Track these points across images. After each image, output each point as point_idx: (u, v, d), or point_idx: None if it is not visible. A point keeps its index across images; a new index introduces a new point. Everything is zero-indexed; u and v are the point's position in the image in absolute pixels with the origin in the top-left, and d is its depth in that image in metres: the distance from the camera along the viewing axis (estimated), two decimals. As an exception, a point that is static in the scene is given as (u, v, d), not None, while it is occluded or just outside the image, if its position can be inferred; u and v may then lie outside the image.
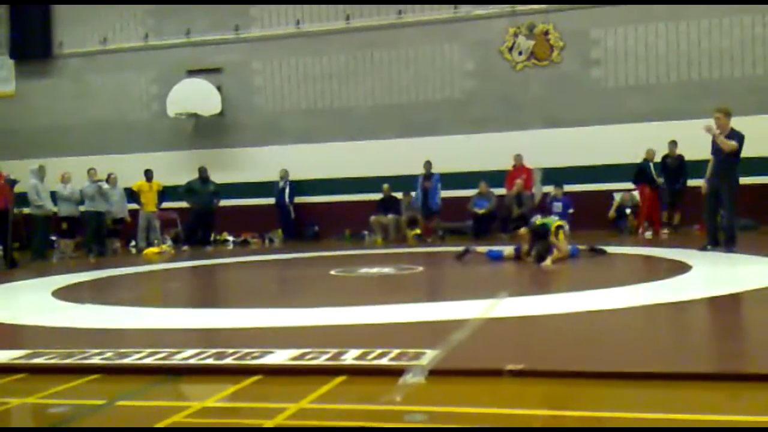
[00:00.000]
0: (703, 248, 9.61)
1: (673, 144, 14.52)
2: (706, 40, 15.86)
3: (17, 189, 13.80)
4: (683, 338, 4.61)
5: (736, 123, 14.75)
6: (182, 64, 18.48)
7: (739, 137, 9.53)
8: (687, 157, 14.33)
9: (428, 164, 15.88)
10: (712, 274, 7.53)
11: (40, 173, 14.28)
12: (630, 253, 10.71)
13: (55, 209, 14.70)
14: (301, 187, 17.57)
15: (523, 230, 9.88)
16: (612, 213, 15.49)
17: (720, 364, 3.77)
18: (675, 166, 14.63)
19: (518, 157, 15.83)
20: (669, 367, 3.55)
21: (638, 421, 2.84)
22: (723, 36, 15.77)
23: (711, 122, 9.63)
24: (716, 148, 9.59)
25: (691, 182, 13.98)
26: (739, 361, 3.75)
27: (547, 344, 4.49)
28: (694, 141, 14.67)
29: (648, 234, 14.23)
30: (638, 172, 14.76)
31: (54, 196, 14.90)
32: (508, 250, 9.90)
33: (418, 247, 14.20)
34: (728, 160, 9.47)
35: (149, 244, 15.80)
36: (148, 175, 16.30)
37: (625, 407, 3.03)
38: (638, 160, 15.01)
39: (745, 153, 14.83)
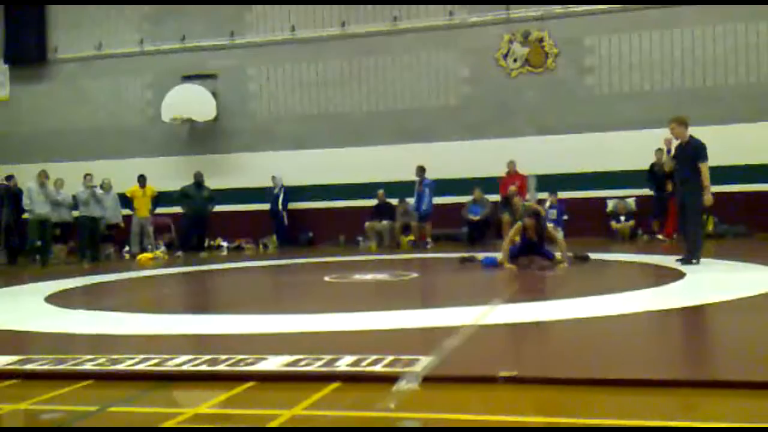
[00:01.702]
0: (680, 260, 9.49)
1: (660, 151, 14.43)
2: (699, 48, 15.93)
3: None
4: (676, 345, 4.62)
5: (730, 130, 14.96)
6: (177, 69, 18.47)
7: (701, 146, 9.38)
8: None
9: (419, 169, 15.79)
10: (706, 282, 7.54)
11: (39, 178, 14.29)
12: (623, 260, 10.73)
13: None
14: (295, 193, 17.56)
15: (506, 217, 9.99)
16: (625, 228, 15.34)
17: (712, 371, 3.78)
18: (663, 174, 14.59)
19: (511, 164, 15.85)
20: (662, 374, 3.56)
21: (632, 428, 2.84)
22: (716, 44, 15.84)
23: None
24: (681, 158, 9.49)
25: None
26: (732, 369, 3.75)
27: (540, 351, 4.50)
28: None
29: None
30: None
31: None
32: (500, 255, 9.91)
33: (413, 253, 14.20)
34: (695, 170, 9.32)
35: (143, 250, 15.77)
36: (141, 180, 16.29)
37: (618, 414, 3.04)
38: (632, 167, 15.12)
39: (738, 161, 15.03)
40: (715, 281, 7.63)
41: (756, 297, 6.12)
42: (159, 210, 16.72)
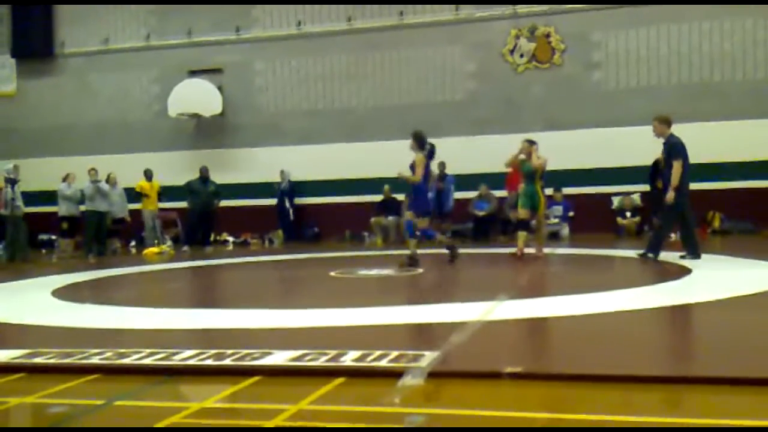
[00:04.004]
0: (683, 257, 9.51)
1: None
2: (707, 43, 15.87)
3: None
4: (681, 341, 4.61)
5: (737, 126, 14.93)
6: (184, 64, 18.50)
7: (674, 145, 9.39)
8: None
9: (442, 165, 15.82)
10: (712, 278, 7.53)
11: (15, 171, 14.07)
12: (629, 256, 10.70)
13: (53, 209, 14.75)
14: (301, 188, 17.57)
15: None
16: (631, 224, 15.31)
17: (720, 367, 3.76)
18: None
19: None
20: (668, 371, 3.56)
21: (638, 424, 2.84)
22: (724, 39, 15.77)
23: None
24: (664, 157, 9.54)
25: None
26: (740, 365, 3.73)
27: (546, 347, 4.50)
28: (695, 144, 14.72)
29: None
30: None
31: (56, 195, 15.02)
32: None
33: (418, 248, 14.15)
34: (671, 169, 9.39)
35: (148, 244, 15.81)
36: (148, 174, 16.28)
37: (624, 410, 3.03)
38: (639, 162, 15.09)
39: (745, 157, 15.00)
40: (721, 278, 7.61)
41: (760, 294, 6.10)
42: (165, 204, 16.75)
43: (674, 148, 9.21)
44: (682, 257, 9.33)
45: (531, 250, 10.52)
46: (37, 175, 16.12)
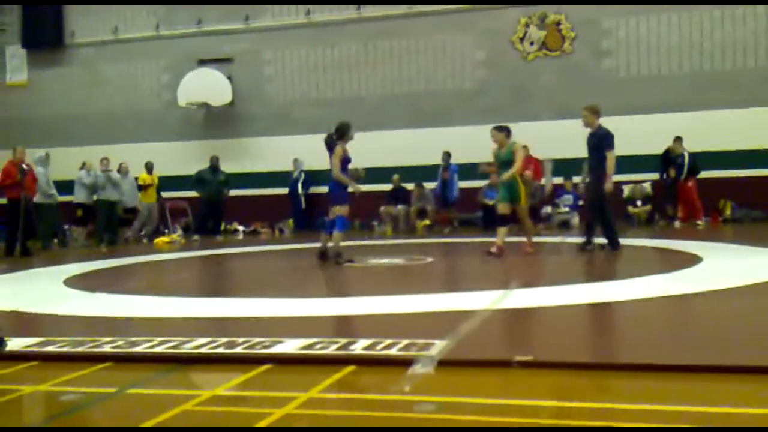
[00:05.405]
0: (581, 247, 9.57)
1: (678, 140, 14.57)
2: (718, 31, 15.72)
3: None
4: (692, 330, 4.60)
5: (749, 114, 14.82)
6: (193, 53, 18.49)
7: (605, 136, 9.60)
8: (700, 149, 14.29)
9: (446, 155, 15.80)
10: (723, 267, 7.50)
11: (46, 161, 14.31)
12: (641, 245, 10.67)
13: (64, 198, 14.82)
14: (311, 177, 17.56)
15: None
16: (641, 213, 15.33)
17: (731, 356, 3.76)
18: (674, 158, 14.64)
19: (525, 148, 15.74)
20: (677, 359, 3.55)
21: (646, 412, 2.84)
22: (736, 26, 15.62)
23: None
24: (590, 148, 9.67)
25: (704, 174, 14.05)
26: (755, 354, 3.72)
27: (555, 335, 4.49)
28: (706, 132, 14.66)
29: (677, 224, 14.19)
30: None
31: (66, 185, 15.08)
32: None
33: (428, 237, 14.19)
34: (600, 160, 9.63)
35: (147, 235, 15.93)
36: (149, 167, 16.30)
37: (633, 399, 3.04)
38: (649, 151, 15.02)
39: (757, 145, 14.90)
40: (733, 266, 7.58)
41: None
42: (176, 194, 16.78)
43: (606, 139, 9.60)
44: (581, 247, 9.36)
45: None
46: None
